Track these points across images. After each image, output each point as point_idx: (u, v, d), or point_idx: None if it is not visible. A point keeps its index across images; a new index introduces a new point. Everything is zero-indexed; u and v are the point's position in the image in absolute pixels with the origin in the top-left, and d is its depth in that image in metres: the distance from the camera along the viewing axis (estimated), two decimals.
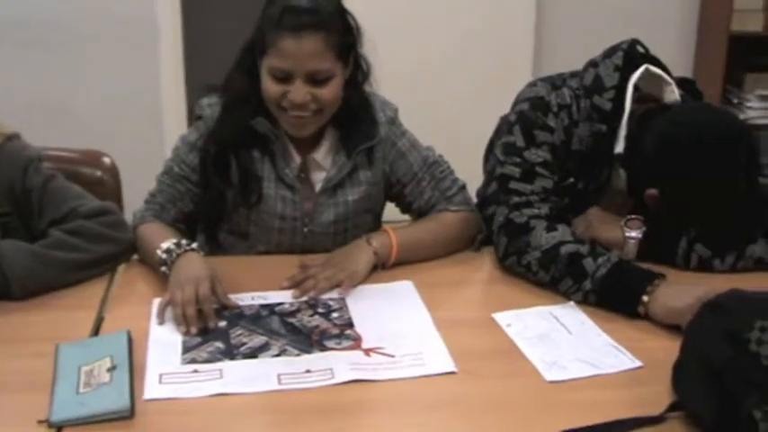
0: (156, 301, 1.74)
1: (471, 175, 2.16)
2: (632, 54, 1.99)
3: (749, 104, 4.30)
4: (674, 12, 4.32)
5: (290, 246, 2.02)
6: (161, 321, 1.68)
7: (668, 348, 1.50)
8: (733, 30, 4.18)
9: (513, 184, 1.97)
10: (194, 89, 4.38)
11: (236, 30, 5.27)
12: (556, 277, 1.85)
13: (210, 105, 1.99)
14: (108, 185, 2.26)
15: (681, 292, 1.71)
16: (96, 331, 1.67)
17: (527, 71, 4.06)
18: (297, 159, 1.98)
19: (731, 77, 4.32)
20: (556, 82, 2.04)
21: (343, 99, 1.92)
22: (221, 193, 1.98)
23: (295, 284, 1.82)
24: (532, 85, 2.06)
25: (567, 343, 1.64)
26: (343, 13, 1.91)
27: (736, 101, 4.36)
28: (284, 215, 1.99)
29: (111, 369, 1.48)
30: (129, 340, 1.58)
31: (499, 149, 2.03)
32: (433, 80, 4.13)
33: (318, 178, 2.00)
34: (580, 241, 1.88)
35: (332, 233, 2.02)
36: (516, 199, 1.96)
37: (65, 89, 4.07)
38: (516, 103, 2.06)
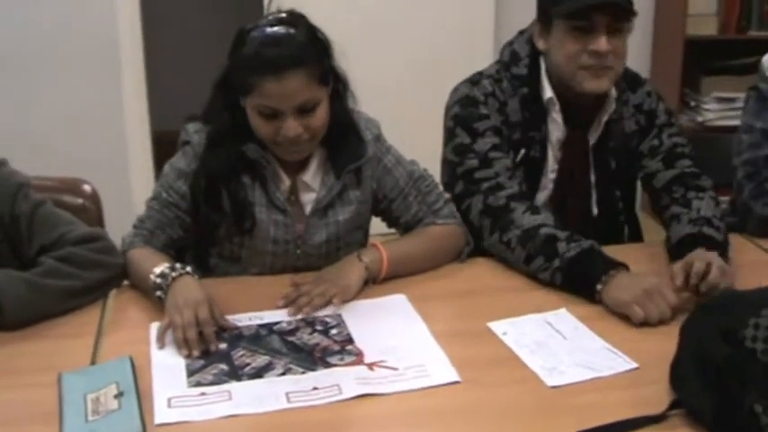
0: (155, 326, 1.75)
1: None
2: None
3: (706, 107, 4.39)
4: None
5: (282, 267, 2.03)
6: (161, 345, 1.69)
7: (662, 349, 1.54)
8: (688, 34, 4.28)
9: (477, 174, 2.09)
10: (157, 108, 4.39)
11: (197, 50, 5.31)
12: (531, 254, 1.95)
13: (198, 132, 1.99)
14: (90, 212, 2.25)
15: (631, 283, 1.80)
16: (95, 358, 1.67)
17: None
18: (287, 182, 2.00)
19: (688, 81, 4.42)
20: (474, 78, 2.22)
21: (329, 116, 1.94)
22: (214, 223, 1.99)
23: (289, 302, 1.84)
24: (455, 90, 2.22)
25: (563, 348, 1.67)
26: (313, 33, 1.90)
27: (693, 103, 4.46)
28: (277, 239, 2.00)
29: (119, 395, 1.49)
30: (133, 365, 1.58)
31: (451, 154, 2.15)
32: (393, 91, 4.16)
33: (308, 199, 2.01)
34: (559, 227, 1.98)
35: (324, 253, 2.04)
36: (486, 184, 2.08)
37: (24, 112, 4.04)
38: (447, 110, 2.21)
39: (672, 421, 1.42)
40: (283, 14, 1.90)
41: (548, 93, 2.14)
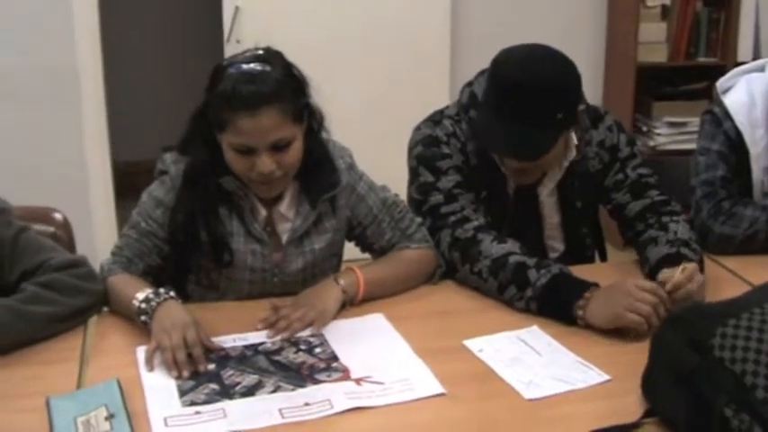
0: (141, 350, 1.77)
1: None
2: None
3: (657, 131, 4.49)
4: (582, 45, 4.48)
5: (260, 295, 2.06)
6: (151, 368, 1.71)
7: (632, 361, 1.62)
8: (639, 61, 4.40)
9: (443, 209, 2.13)
10: (118, 138, 4.40)
11: (158, 81, 5.32)
12: (503, 284, 1.99)
13: (175, 162, 2.01)
14: (62, 241, 2.26)
15: (609, 297, 1.85)
16: (81, 383, 1.69)
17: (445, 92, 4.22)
18: (263, 213, 2.02)
19: (639, 106, 4.53)
20: (435, 118, 2.24)
21: (303, 151, 1.96)
22: (191, 255, 2.02)
23: (269, 325, 1.88)
24: (417, 129, 2.25)
25: (538, 363, 1.74)
26: (289, 70, 1.93)
27: (645, 128, 4.57)
28: (254, 268, 2.03)
29: (110, 417, 1.51)
30: (120, 388, 1.60)
31: (416, 193, 2.19)
32: (353, 120, 4.20)
33: (284, 229, 2.04)
34: (527, 254, 2.02)
35: (300, 280, 2.07)
36: (453, 218, 2.12)
37: None
38: (410, 150, 2.23)
39: (646, 429, 1.49)
40: (260, 51, 1.93)
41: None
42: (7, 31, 3.95)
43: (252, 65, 1.89)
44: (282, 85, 1.88)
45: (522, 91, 1.98)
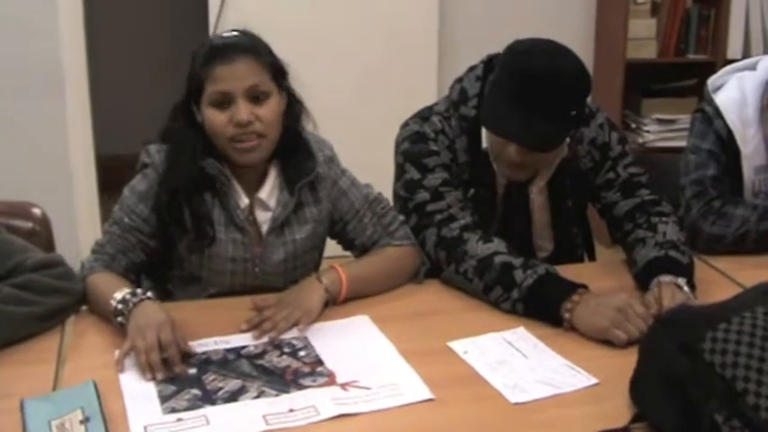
0: (118, 352, 1.73)
1: None
2: (491, 64, 2.13)
3: (646, 128, 4.47)
4: (571, 42, 4.41)
5: (241, 286, 2.04)
6: (120, 369, 1.68)
7: (621, 365, 1.59)
8: (629, 57, 4.37)
9: (429, 207, 2.10)
10: (101, 132, 4.35)
11: (142, 75, 5.28)
12: (488, 285, 1.96)
13: (160, 152, 2.00)
14: (40, 236, 2.23)
15: (600, 306, 1.81)
16: (57, 384, 1.66)
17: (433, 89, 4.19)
18: (245, 201, 2.01)
19: (629, 103, 4.51)
20: (423, 114, 2.20)
21: (283, 128, 1.98)
22: (176, 241, 1.99)
23: (253, 327, 1.84)
24: (404, 125, 2.21)
25: (524, 366, 1.70)
26: (269, 48, 1.98)
27: (634, 125, 4.55)
28: (235, 257, 2.01)
29: (85, 421, 1.48)
30: (97, 390, 1.57)
31: (402, 190, 2.15)
32: (341, 114, 4.18)
33: (265, 218, 2.03)
34: (513, 254, 1.98)
35: (282, 272, 2.05)
36: (439, 216, 2.08)
37: None
38: (397, 146, 2.20)
39: None
40: (236, 30, 2.00)
41: (485, 142, 2.13)
42: None
43: (230, 33, 1.98)
44: (258, 42, 1.96)
45: (546, 81, 1.95)
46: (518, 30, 2.29)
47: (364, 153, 4.07)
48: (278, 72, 1.97)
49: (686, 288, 1.90)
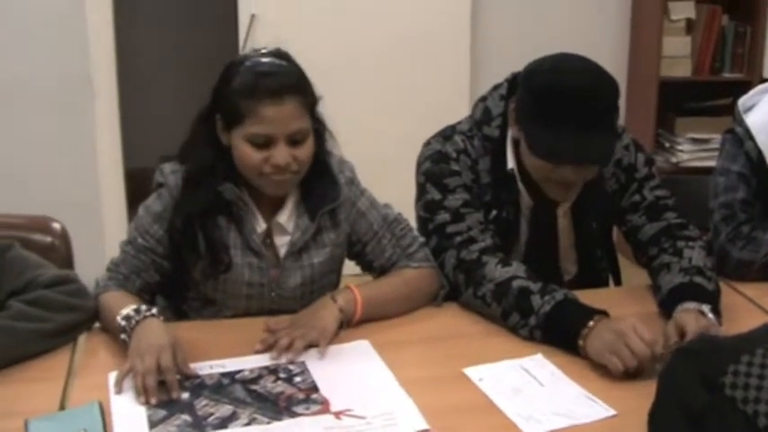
0: (113, 375, 1.70)
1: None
2: (516, 82, 2.07)
3: (680, 147, 4.42)
4: (604, 59, 4.35)
5: (258, 310, 2.00)
6: (118, 391, 1.64)
7: (640, 396, 1.52)
8: (662, 75, 4.32)
9: (449, 229, 2.05)
10: (130, 146, 4.37)
11: (172, 88, 5.31)
12: (506, 310, 1.92)
13: (174, 173, 1.96)
14: (59, 251, 2.22)
15: (606, 330, 1.76)
16: (64, 403, 1.63)
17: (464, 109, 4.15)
18: (262, 225, 1.97)
19: (662, 121, 4.46)
20: (446, 133, 2.16)
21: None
22: (190, 265, 1.96)
23: (268, 347, 1.81)
24: (426, 144, 2.17)
25: (540, 395, 1.65)
26: (309, 82, 1.93)
27: (667, 144, 4.49)
28: (252, 282, 1.98)
29: None
30: (102, 411, 1.55)
31: (422, 211, 2.12)
32: (368, 133, 4.15)
33: (282, 242, 1.99)
34: (532, 278, 1.93)
35: (299, 296, 2.02)
36: (459, 238, 2.04)
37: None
38: (418, 165, 2.16)
39: None
40: (270, 50, 1.94)
41: (510, 163, 2.07)
42: (21, 37, 3.95)
43: (269, 59, 1.90)
44: (302, 77, 1.90)
45: (593, 97, 1.92)
46: (550, 47, 2.24)
47: (393, 170, 4.05)
48: (314, 105, 1.94)
49: (711, 315, 1.84)
